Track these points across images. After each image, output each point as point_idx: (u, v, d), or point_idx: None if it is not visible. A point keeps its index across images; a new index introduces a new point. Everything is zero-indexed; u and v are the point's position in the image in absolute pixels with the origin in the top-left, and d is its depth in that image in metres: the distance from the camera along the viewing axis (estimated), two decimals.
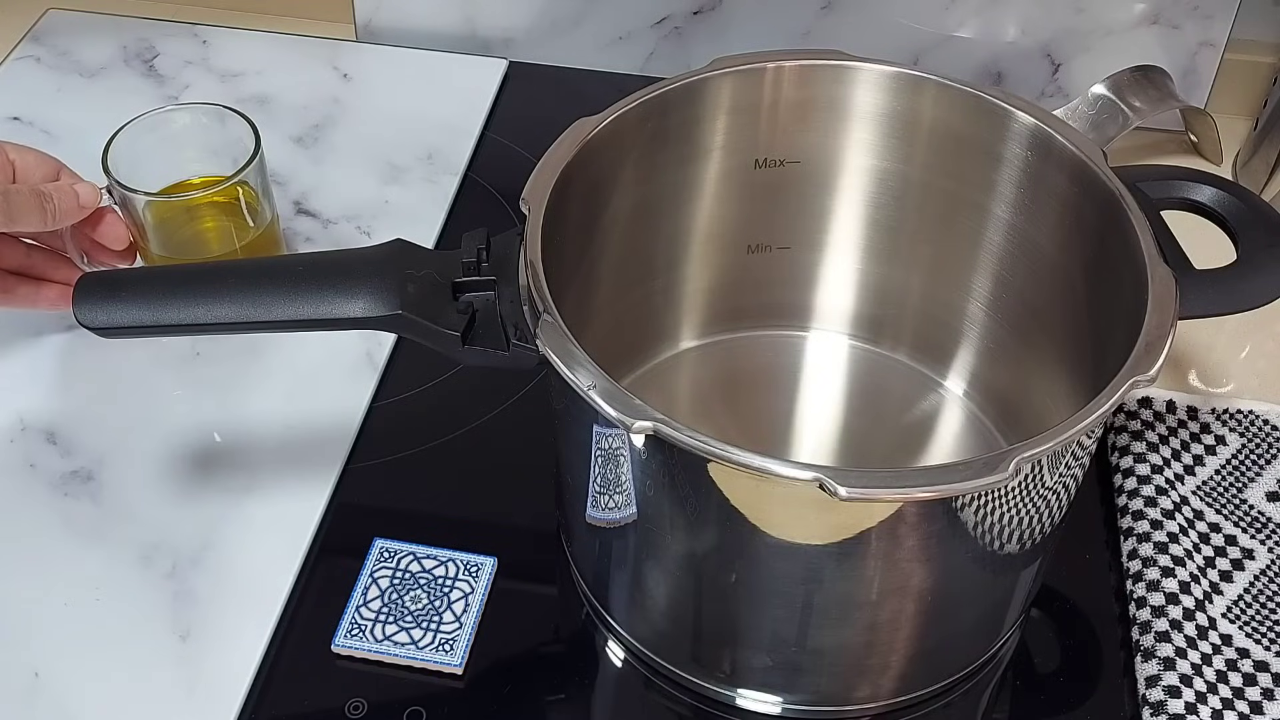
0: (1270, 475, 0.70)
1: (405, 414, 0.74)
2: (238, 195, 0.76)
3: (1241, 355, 0.79)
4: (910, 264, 0.71)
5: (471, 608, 0.64)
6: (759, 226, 0.71)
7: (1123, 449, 0.70)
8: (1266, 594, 0.65)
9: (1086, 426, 0.50)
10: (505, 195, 0.88)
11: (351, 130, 0.92)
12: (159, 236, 0.75)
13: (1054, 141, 0.62)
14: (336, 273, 0.58)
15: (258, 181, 0.76)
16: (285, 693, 0.62)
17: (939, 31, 0.92)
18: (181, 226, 0.77)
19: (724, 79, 0.65)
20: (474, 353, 0.57)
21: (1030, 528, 0.56)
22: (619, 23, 0.96)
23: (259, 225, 0.77)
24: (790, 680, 0.60)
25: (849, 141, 0.68)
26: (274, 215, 0.78)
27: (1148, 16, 0.89)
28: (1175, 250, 0.58)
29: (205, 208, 0.77)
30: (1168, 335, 0.53)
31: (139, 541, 0.67)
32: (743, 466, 0.49)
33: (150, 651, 0.63)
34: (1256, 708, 0.60)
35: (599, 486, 0.57)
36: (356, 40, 1.01)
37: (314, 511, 0.69)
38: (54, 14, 1.01)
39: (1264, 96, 0.90)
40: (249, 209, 0.77)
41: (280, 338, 0.76)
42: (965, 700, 0.63)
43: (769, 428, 0.72)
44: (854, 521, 0.51)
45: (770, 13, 0.94)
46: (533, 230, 0.56)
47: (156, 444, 0.72)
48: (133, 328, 0.58)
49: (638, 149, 0.64)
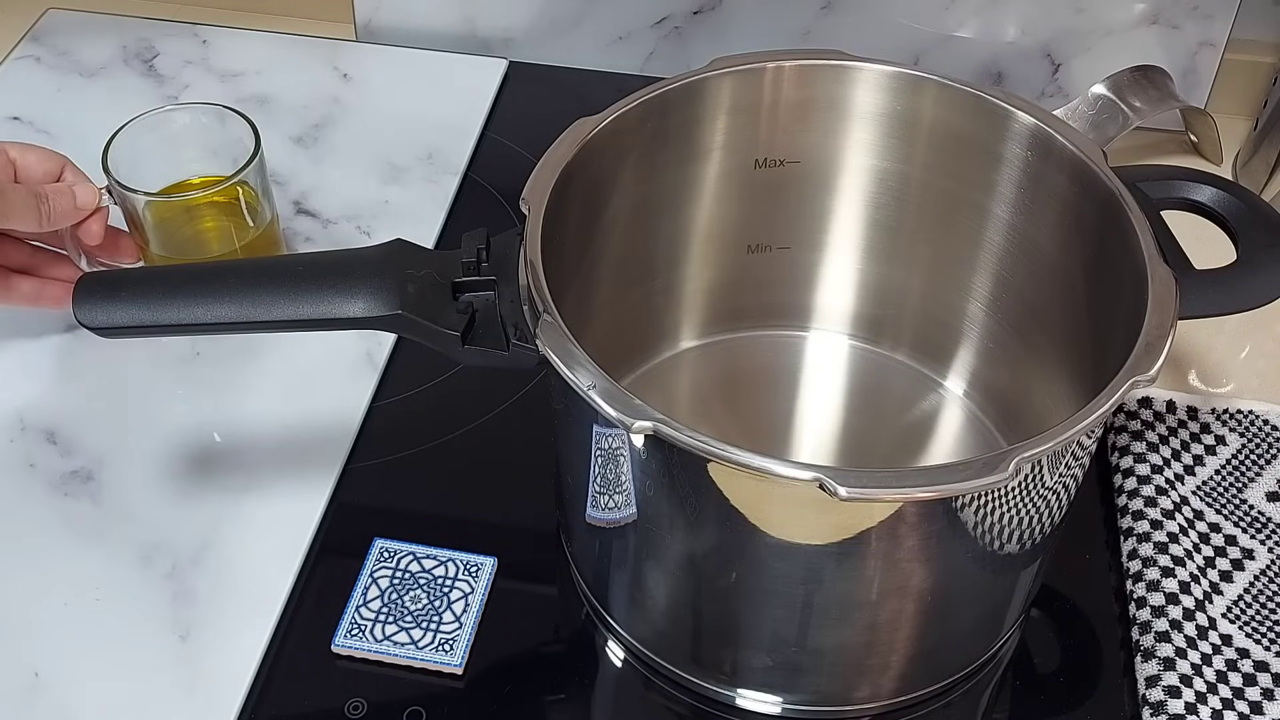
0: (1270, 475, 0.70)
1: (405, 414, 0.74)
2: (238, 195, 0.76)
3: (1241, 355, 0.79)
4: (910, 264, 0.71)
5: (471, 608, 0.64)
6: (759, 226, 0.71)
7: (1123, 449, 0.70)
8: (1266, 594, 0.65)
9: (1086, 426, 0.50)
10: (505, 195, 0.88)
11: (351, 130, 0.92)
12: (159, 236, 0.75)
13: (1054, 141, 0.62)
14: (336, 273, 0.58)
15: (258, 181, 0.76)
16: (285, 693, 0.62)
17: (939, 31, 0.92)
18: (181, 226, 0.77)
19: (724, 79, 0.65)
20: (474, 353, 0.57)
21: (1030, 528, 0.56)
22: (619, 23, 0.96)
23: (259, 225, 0.77)
24: (790, 680, 0.60)
25: (849, 141, 0.68)
26: (274, 215, 0.78)
27: (1148, 16, 0.89)
28: (1175, 250, 0.58)
29: (205, 208, 0.77)
30: (1168, 335, 0.53)
31: (139, 541, 0.67)
32: (743, 466, 0.48)
33: (150, 651, 0.63)
34: (1256, 708, 0.60)
35: (599, 486, 0.57)
36: (356, 40, 1.01)
37: (314, 511, 0.69)
38: (54, 14, 1.01)
39: (1264, 96, 0.90)
40: (249, 209, 0.77)
41: (280, 338, 0.76)
42: (965, 700, 0.63)
43: (769, 428, 0.72)
44: (854, 521, 0.51)
45: (770, 13, 0.94)
46: (533, 230, 0.56)
47: (156, 444, 0.72)
48: (133, 328, 0.58)
49: (638, 149, 0.64)
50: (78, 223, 0.72)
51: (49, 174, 0.72)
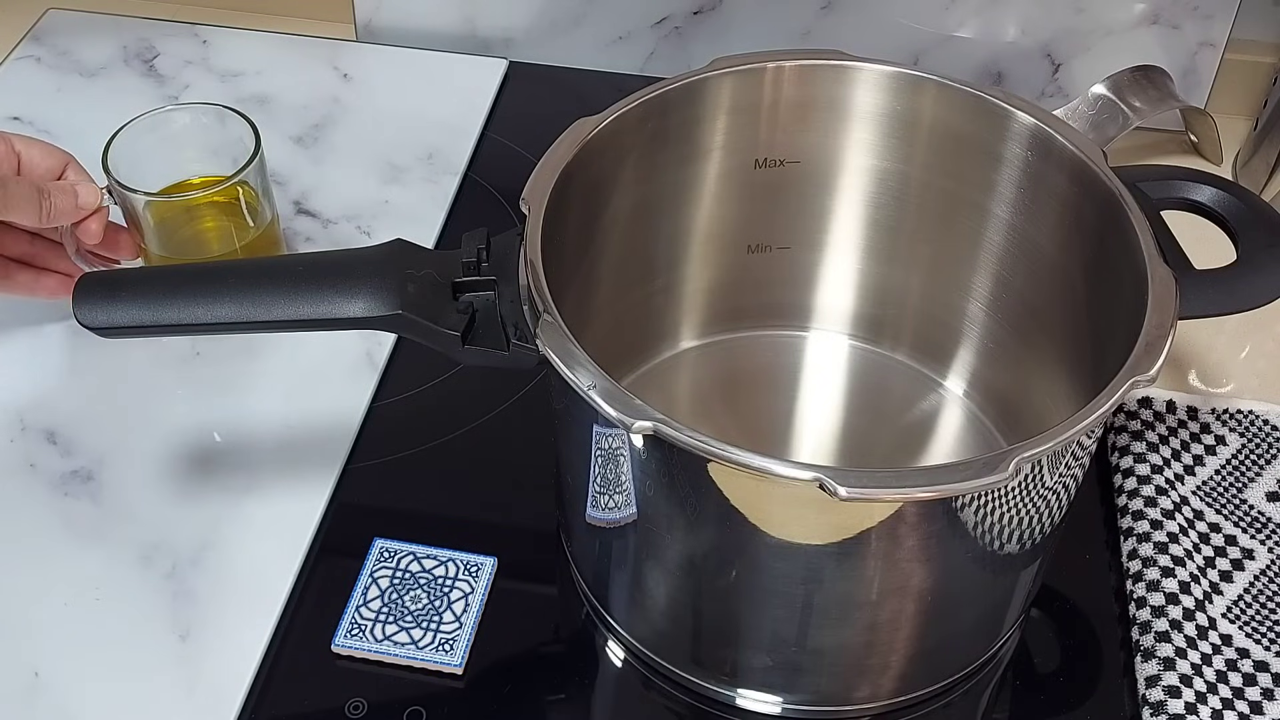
0: (1270, 475, 0.70)
1: (405, 414, 0.74)
2: (238, 195, 0.76)
3: (1241, 355, 0.79)
4: (910, 264, 0.71)
5: (471, 608, 0.64)
6: (759, 226, 0.71)
7: (1123, 449, 0.70)
8: (1266, 594, 0.65)
9: (1086, 426, 0.50)
10: (505, 195, 0.88)
11: (351, 130, 0.92)
12: (159, 236, 0.75)
13: (1054, 141, 0.62)
14: (336, 273, 0.58)
15: (258, 181, 0.76)
16: (285, 693, 0.62)
17: (939, 31, 0.92)
18: (181, 226, 0.77)
19: (724, 79, 0.65)
20: (474, 353, 0.57)
21: (1030, 528, 0.56)
22: (619, 23, 0.96)
23: (259, 225, 0.77)
24: (790, 680, 0.60)
25: (849, 141, 0.68)
26: (274, 215, 0.78)
27: (1148, 16, 0.89)
28: (1175, 250, 0.58)
29: (205, 208, 0.77)
30: (1168, 335, 0.53)
31: (139, 541, 0.67)
32: (743, 466, 0.49)
33: (150, 651, 0.63)
34: (1256, 708, 0.60)
35: (599, 486, 0.57)
36: (356, 40, 1.01)
37: (314, 511, 0.69)
38: (54, 14, 1.01)
39: (1264, 96, 0.90)
40: (249, 209, 0.77)
41: (280, 338, 0.76)
42: (965, 700, 0.63)
43: (769, 428, 0.72)
44: (854, 521, 0.51)
45: (770, 13, 0.94)
46: (533, 230, 0.56)
47: (156, 444, 0.72)
48: (133, 328, 0.58)
49: (638, 149, 0.64)
50: (77, 221, 0.72)
51: (52, 170, 0.72)
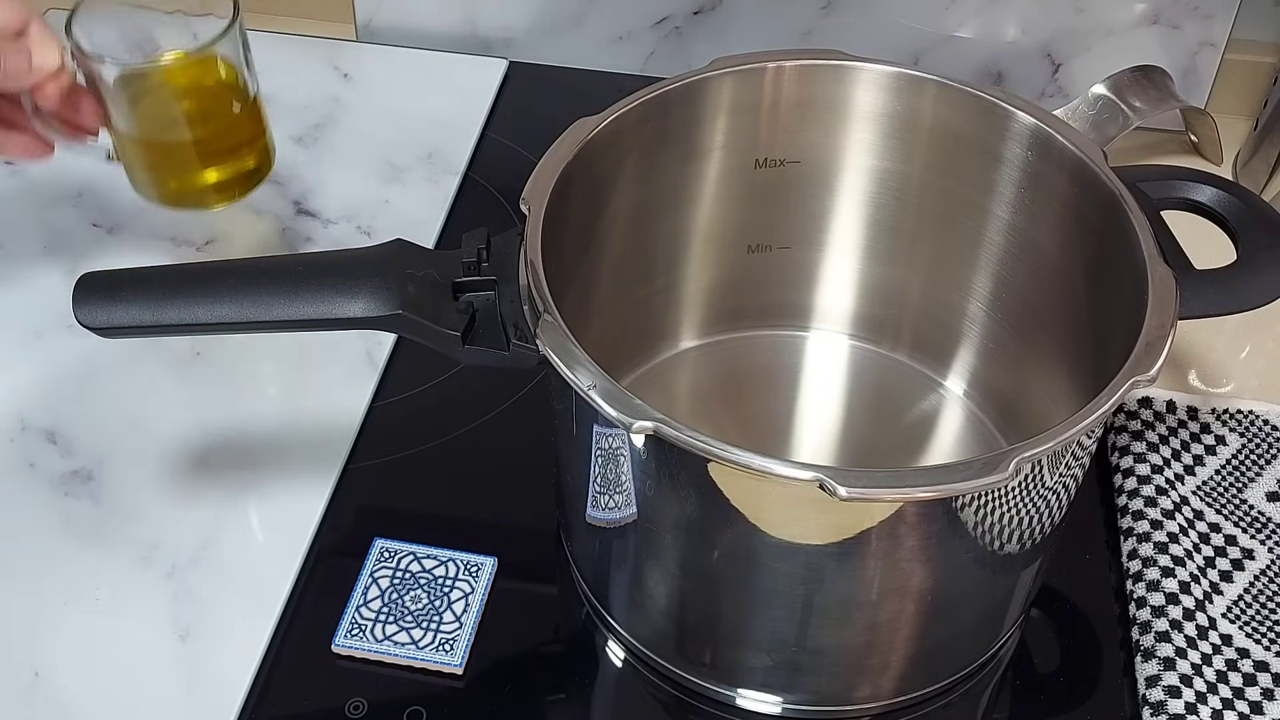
0: (1270, 475, 0.70)
1: (405, 414, 0.74)
2: (217, 70, 0.72)
3: (1241, 355, 0.79)
4: (910, 264, 0.71)
5: (471, 608, 0.64)
6: (759, 226, 0.71)
7: (1123, 449, 0.70)
8: (1266, 594, 0.65)
9: (1086, 426, 0.50)
10: (505, 195, 0.88)
11: (351, 130, 0.92)
12: (132, 117, 0.71)
13: (1054, 141, 0.62)
14: (336, 273, 0.58)
15: (235, 54, 0.71)
16: (285, 693, 0.62)
17: (939, 31, 0.92)
18: (156, 107, 0.73)
19: (724, 79, 0.65)
20: (474, 353, 0.57)
21: (1030, 528, 0.56)
22: (619, 23, 0.96)
23: (241, 104, 0.73)
24: (790, 680, 0.60)
25: (849, 141, 0.68)
26: (256, 93, 0.73)
27: (1148, 16, 0.89)
28: (1175, 250, 0.58)
29: (183, 88, 0.73)
30: (1168, 335, 0.53)
31: (139, 541, 0.67)
32: (743, 466, 0.49)
33: (150, 651, 0.63)
34: (1256, 708, 0.60)
35: (599, 486, 0.57)
36: (356, 40, 1.01)
37: (314, 511, 0.69)
38: (54, 14, 1.01)
39: (1264, 96, 0.90)
40: (228, 88, 0.73)
41: (280, 338, 0.76)
42: (965, 700, 0.63)
43: (769, 428, 0.72)
44: (854, 521, 0.51)
45: (770, 13, 0.94)
46: (533, 230, 0.56)
47: (156, 444, 0.72)
48: (133, 328, 0.58)
49: (638, 149, 0.64)
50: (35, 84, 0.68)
51: (9, 25, 0.67)
